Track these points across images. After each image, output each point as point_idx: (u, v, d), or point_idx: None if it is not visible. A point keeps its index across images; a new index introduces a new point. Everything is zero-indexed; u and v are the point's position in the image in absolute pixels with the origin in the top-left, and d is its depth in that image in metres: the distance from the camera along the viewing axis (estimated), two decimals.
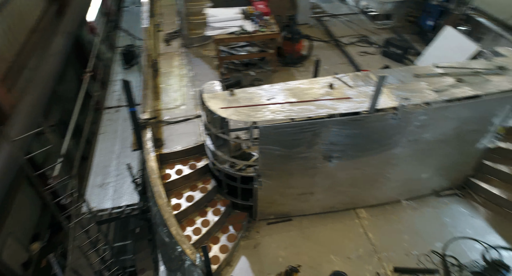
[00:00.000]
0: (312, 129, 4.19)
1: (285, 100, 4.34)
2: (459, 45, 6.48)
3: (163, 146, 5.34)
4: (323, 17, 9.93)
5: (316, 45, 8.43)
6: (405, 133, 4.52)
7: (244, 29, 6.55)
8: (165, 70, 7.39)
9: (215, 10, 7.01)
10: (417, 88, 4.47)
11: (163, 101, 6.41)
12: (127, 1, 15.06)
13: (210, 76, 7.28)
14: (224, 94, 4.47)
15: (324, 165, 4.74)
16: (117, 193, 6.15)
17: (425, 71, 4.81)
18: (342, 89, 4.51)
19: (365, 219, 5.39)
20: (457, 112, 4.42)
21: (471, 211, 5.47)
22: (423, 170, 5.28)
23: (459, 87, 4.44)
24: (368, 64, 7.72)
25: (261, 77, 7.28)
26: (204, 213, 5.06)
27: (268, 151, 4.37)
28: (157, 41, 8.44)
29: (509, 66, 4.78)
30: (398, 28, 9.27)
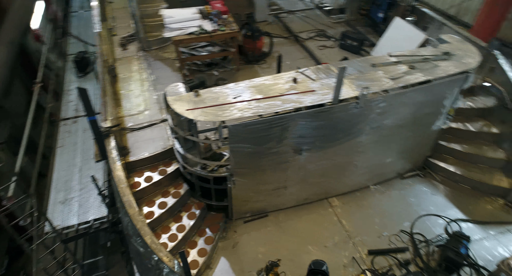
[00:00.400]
0: (280, 124, 4.26)
1: (252, 98, 4.36)
2: (409, 34, 6.90)
3: (129, 153, 5.16)
4: (280, 13, 10.09)
5: (277, 42, 8.56)
6: (368, 121, 4.74)
7: (204, 29, 6.49)
8: (124, 76, 7.12)
9: (171, 11, 6.87)
10: (375, 77, 4.69)
11: (125, 108, 6.18)
12: (75, 5, 14.28)
13: (173, 78, 7.13)
14: (189, 96, 4.40)
15: (295, 158, 4.84)
16: (82, 207, 5.84)
17: (381, 60, 5.07)
18: (306, 83, 4.63)
19: (338, 207, 5.58)
20: (412, 97, 4.71)
21: (432, 189, 5.86)
22: (387, 155, 5.56)
23: (412, 73, 4.74)
24: (328, 57, 7.98)
25: (225, 76, 7.26)
26: (179, 218, 4.96)
27: (239, 149, 4.38)
28: (112, 46, 8.10)
29: (453, 52, 5.18)
30: (352, 21, 9.66)
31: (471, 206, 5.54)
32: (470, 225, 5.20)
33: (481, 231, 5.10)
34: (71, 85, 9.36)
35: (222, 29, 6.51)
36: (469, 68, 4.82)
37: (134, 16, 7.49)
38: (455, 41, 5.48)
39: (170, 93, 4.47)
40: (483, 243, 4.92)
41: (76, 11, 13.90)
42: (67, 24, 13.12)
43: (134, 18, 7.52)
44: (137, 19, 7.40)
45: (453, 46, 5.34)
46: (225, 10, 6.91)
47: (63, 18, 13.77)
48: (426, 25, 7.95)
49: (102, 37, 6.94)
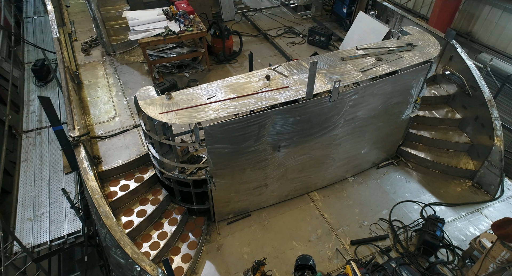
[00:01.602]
0: (257, 122, 4.25)
1: (226, 97, 4.32)
2: (373, 28, 7.13)
3: (102, 163, 4.94)
4: (247, 12, 10.09)
5: (246, 40, 8.55)
6: (341, 114, 4.84)
7: (170, 30, 6.34)
8: (89, 82, 6.82)
9: (134, 13, 6.65)
10: (345, 71, 4.80)
11: (93, 116, 5.91)
12: (28, 11, 13.46)
13: (142, 82, 6.93)
14: (161, 99, 4.28)
15: (273, 156, 4.85)
16: (54, 222, 5.51)
17: (349, 54, 5.19)
18: (279, 80, 4.65)
19: (319, 201, 5.67)
20: (381, 88, 4.87)
21: (406, 176, 6.11)
22: (362, 146, 5.72)
23: (380, 65, 4.89)
24: (298, 53, 8.08)
25: (197, 77, 7.15)
26: (160, 225, 4.83)
27: (216, 150, 4.32)
28: (74, 52, 7.73)
29: (416, 42, 5.41)
30: (318, 17, 9.85)
31: (443, 189, 5.82)
32: (443, 208, 5.47)
33: (453, 212, 5.38)
34: (32, 95, 8.81)
35: (189, 30, 6.39)
36: (431, 57, 5.06)
37: (94, 20, 7.17)
38: (416, 33, 5.72)
39: (141, 97, 4.32)
40: (456, 224, 5.19)
41: (30, 17, 13.11)
42: (21, 31, 12.36)
43: (95, 22, 7.20)
44: (98, 23, 7.10)
45: (414, 37, 5.58)
46: (191, 10, 6.79)
47: (17, 25, 12.95)
48: (388, 18, 8.27)
49: (62, 43, 6.59)
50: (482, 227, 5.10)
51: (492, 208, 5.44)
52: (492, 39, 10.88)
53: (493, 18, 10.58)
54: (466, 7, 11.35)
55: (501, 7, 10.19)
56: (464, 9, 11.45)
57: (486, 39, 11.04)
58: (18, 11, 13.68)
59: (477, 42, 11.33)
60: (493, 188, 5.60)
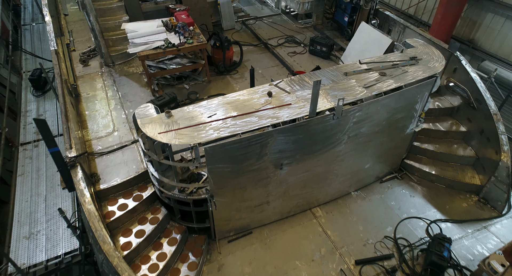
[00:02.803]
0: (259, 141, 4.16)
1: (227, 115, 4.24)
2: (375, 39, 7.07)
3: (100, 180, 4.85)
4: (247, 20, 10.04)
5: (247, 50, 8.49)
6: (345, 130, 4.76)
7: (170, 42, 6.27)
8: (88, 95, 6.74)
9: (133, 25, 6.58)
10: (348, 87, 4.73)
11: (91, 130, 5.82)
12: (26, 18, 13.40)
13: (141, 95, 6.85)
14: (160, 118, 4.20)
15: (275, 173, 4.76)
16: (51, 241, 5.40)
17: (352, 68, 5.12)
18: (281, 96, 4.57)
19: (322, 217, 5.57)
20: (386, 104, 4.79)
21: (410, 191, 6.01)
22: (366, 161, 5.64)
23: (384, 81, 4.82)
24: (299, 64, 8.02)
25: (197, 89, 7.07)
26: (159, 245, 4.72)
27: (217, 170, 4.24)
28: (72, 62, 7.66)
29: (420, 56, 5.34)
30: (319, 25, 9.81)
31: (448, 205, 5.73)
32: (449, 224, 5.37)
33: (459, 230, 5.28)
34: (29, 105, 8.73)
35: (189, 42, 6.32)
36: (436, 72, 4.98)
37: (93, 31, 7.10)
38: (419, 45, 5.65)
39: (140, 115, 4.24)
40: (463, 242, 5.09)
41: (28, 24, 13.05)
42: (19, 38, 12.29)
43: (94, 33, 7.13)
44: (97, 33, 7.03)
45: (418, 50, 5.51)
46: (191, 21, 6.73)
47: (15, 30, 12.88)
48: (390, 28, 8.21)
49: (60, 55, 6.52)
50: (490, 246, 5.00)
51: (499, 225, 5.34)
52: (494, 46, 10.84)
53: (495, 26, 10.54)
54: (468, 14, 11.31)
55: (504, 15, 10.15)
56: (466, 16, 11.42)
57: (489, 47, 11.00)
58: (15, 18, 13.63)
59: (480, 50, 11.29)
60: (500, 204, 5.51)
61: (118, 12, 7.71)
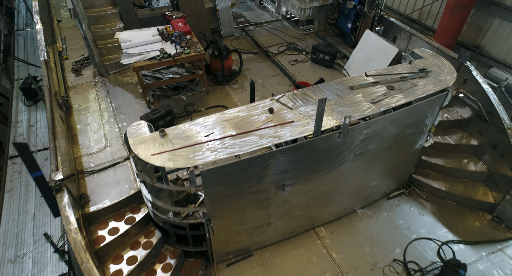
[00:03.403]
0: (259, 162, 3.92)
1: (225, 134, 3.99)
2: (380, 47, 6.85)
3: (90, 202, 4.60)
4: (247, 26, 9.83)
5: (246, 58, 8.27)
6: (351, 149, 4.52)
7: (166, 52, 6.04)
8: (80, 107, 6.50)
9: (128, 34, 6.35)
10: (354, 102, 4.49)
11: (82, 146, 5.58)
12: (20, 23, 13.19)
13: (136, 106, 6.62)
14: (154, 137, 3.96)
15: (277, 194, 4.52)
16: (38, 264, 5.14)
17: (358, 81, 4.89)
18: (283, 113, 4.33)
19: (326, 238, 5.32)
20: (395, 121, 4.56)
21: (419, 209, 5.76)
22: (372, 178, 5.39)
23: (392, 95, 4.58)
24: (301, 73, 7.79)
25: (194, 100, 6.84)
26: (153, 272, 4.46)
27: (215, 193, 3.99)
28: (64, 72, 7.43)
29: (429, 68, 5.12)
30: (321, 31, 9.60)
31: (460, 224, 5.48)
32: (461, 246, 5.12)
33: (473, 252, 5.03)
34: (20, 116, 8.49)
35: (186, 52, 6.10)
36: (447, 85, 4.75)
37: (86, 40, 6.88)
38: (429, 56, 5.43)
39: (132, 134, 4.00)
40: (477, 267, 4.84)
41: (21, 29, 12.84)
42: (12, 44, 12.07)
43: (86, 41, 6.91)
44: (89, 42, 6.81)
45: (427, 61, 5.29)
46: (188, 30, 6.51)
47: (10, 36, 12.66)
48: (395, 35, 8.00)
49: (51, 64, 6.29)
50: (507, 271, 4.74)
51: None
52: (502, 53, 10.63)
53: (503, 31, 10.34)
54: (475, 20, 11.12)
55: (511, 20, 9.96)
56: (472, 22, 11.23)
57: (496, 53, 10.79)
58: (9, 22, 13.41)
59: (486, 56, 11.09)
60: None
61: (112, 19, 7.50)
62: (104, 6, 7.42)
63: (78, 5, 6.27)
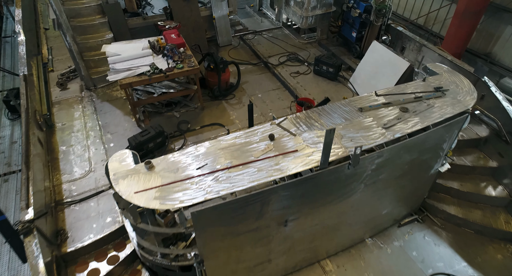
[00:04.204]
0: (259, 199, 3.50)
1: (220, 166, 3.58)
2: (390, 61, 6.46)
3: (68, 239, 4.16)
4: (245, 35, 9.45)
5: (245, 70, 7.87)
6: (361, 179, 4.11)
7: (157, 67, 5.63)
8: (63, 125, 6.09)
9: (116, 47, 5.95)
10: (365, 127, 4.08)
11: (64, 171, 5.16)
12: (7, 29, 12.82)
13: (125, 124, 6.20)
14: (138, 170, 3.54)
15: (279, 230, 4.09)
16: None
17: (368, 102, 4.49)
18: (285, 139, 3.92)
19: (333, 273, 4.90)
20: (410, 148, 4.15)
21: (434, 238, 5.34)
22: (384, 207, 4.98)
23: (406, 119, 4.18)
24: (303, 86, 7.39)
25: (188, 117, 6.42)
26: None
27: (207, 234, 3.57)
28: (48, 86, 7.02)
29: (445, 85, 4.72)
30: (324, 40, 9.22)
31: (480, 256, 5.05)
32: None
33: None
34: (3, 131, 8.09)
35: (179, 67, 5.69)
36: (467, 107, 4.35)
37: (71, 51, 6.48)
38: (444, 72, 5.03)
39: (114, 167, 3.58)
40: None
41: (9, 36, 12.47)
42: None
43: (72, 54, 6.51)
44: (75, 55, 6.41)
45: (443, 78, 4.89)
46: (181, 42, 6.11)
47: None
48: (403, 45, 7.62)
49: (31, 79, 5.88)
50: None
51: None
52: None
53: None
54: (485, 26, 10.76)
55: None
56: (482, 29, 10.86)
57: (508, 62, 10.42)
58: None
59: (498, 65, 10.71)
60: None
61: (101, 29, 7.11)
62: (92, 15, 7.03)
63: (61, 16, 5.87)
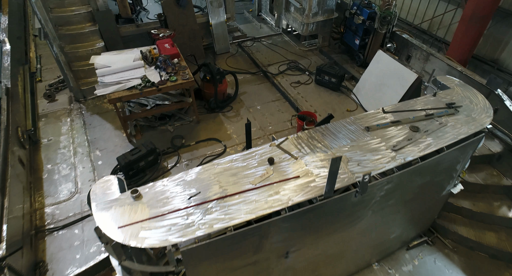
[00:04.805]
0: (257, 233, 3.20)
1: (213, 196, 3.27)
2: (396, 71, 6.17)
3: (47, 272, 3.85)
4: (244, 41, 9.17)
5: (243, 80, 7.59)
6: (369, 206, 3.81)
7: (149, 80, 5.34)
8: (49, 141, 5.79)
9: (105, 58, 5.65)
10: (373, 149, 3.78)
11: (47, 193, 4.85)
12: None
13: (115, 140, 5.90)
14: (124, 200, 3.23)
15: (279, 262, 3.79)
16: None
17: (375, 119, 4.20)
18: (285, 164, 3.62)
19: None
20: (422, 171, 3.85)
21: (445, 263, 5.04)
22: (392, 231, 4.69)
23: (417, 140, 3.88)
24: (304, 97, 7.09)
25: (183, 132, 6.13)
26: None
27: (200, 271, 3.26)
28: (35, 97, 6.73)
29: (458, 101, 4.43)
30: (325, 47, 8.95)
31: None
32: None
33: None
34: None
35: (172, 80, 5.40)
36: (483, 126, 4.06)
37: (58, 62, 6.18)
38: (455, 86, 4.75)
39: (96, 196, 3.27)
40: None
41: None
42: None
43: (59, 65, 6.21)
44: (63, 66, 6.12)
45: (455, 93, 4.60)
46: (175, 52, 5.82)
47: None
48: (409, 54, 7.35)
49: (16, 91, 5.58)
50: None
51: None
52: None
53: None
54: (492, 32, 10.49)
55: None
56: (489, 34, 10.59)
57: None
58: None
59: (506, 72, 10.44)
60: None
61: (91, 37, 6.82)
62: (82, 23, 6.75)
63: (47, 25, 5.59)
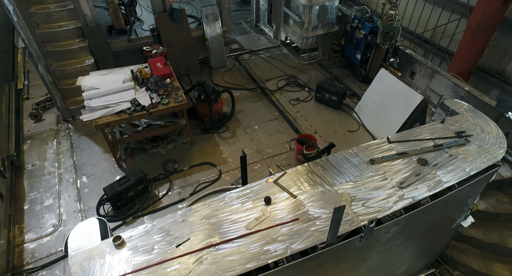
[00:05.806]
0: None
1: (204, 243, 3.02)
2: (400, 92, 5.94)
3: None
4: (241, 55, 8.95)
5: (239, 96, 7.36)
6: (375, 249, 3.55)
7: (139, 104, 5.10)
8: (33, 167, 5.53)
9: (93, 79, 5.40)
10: (378, 186, 3.54)
11: (28, 226, 4.58)
12: None
13: (103, 165, 5.64)
14: (105, 249, 2.97)
15: None
16: None
17: (380, 150, 3.96)
18: (283, 204, 3.37)
19: None
20: (432, 210, 3.60)
21: None
22: (399, 267, 4.42)
23: (426, 175, 3.64)
24: (304, 116, 6.85)
25: (176, 155, 5.87)
26: None
27: None
28: (21, 117, 6.48)
29: (468, 129, 4.20)
30: (325, 61, 8.73)
31: None
32: None
33: None
34: None
35: (164, 103, 5.16)
36: (496, 159, 3.81)
37: (44, 82, 5.94)
38: (465, 111, 4.51)
39: (74, 244, 3.01)
40: None
41: None
42: None
43: (45, 84, 5.97)
44: (49, 85, 5.88)
45: (465, 120, 4.37)
46: (168, 72, 5.59)
47: None
48: (413, 70, 7.14)
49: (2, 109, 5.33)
50: None
51: None
52: None
53: None
54: (498, 43, 10.30)
55: None
56: (495, 45, 10.40)
57: None
58: None
59: None
60: None
61: (80, 54, 6.59)
62: (70, 39, 6.52)
63: (31, 45, 5.36)
